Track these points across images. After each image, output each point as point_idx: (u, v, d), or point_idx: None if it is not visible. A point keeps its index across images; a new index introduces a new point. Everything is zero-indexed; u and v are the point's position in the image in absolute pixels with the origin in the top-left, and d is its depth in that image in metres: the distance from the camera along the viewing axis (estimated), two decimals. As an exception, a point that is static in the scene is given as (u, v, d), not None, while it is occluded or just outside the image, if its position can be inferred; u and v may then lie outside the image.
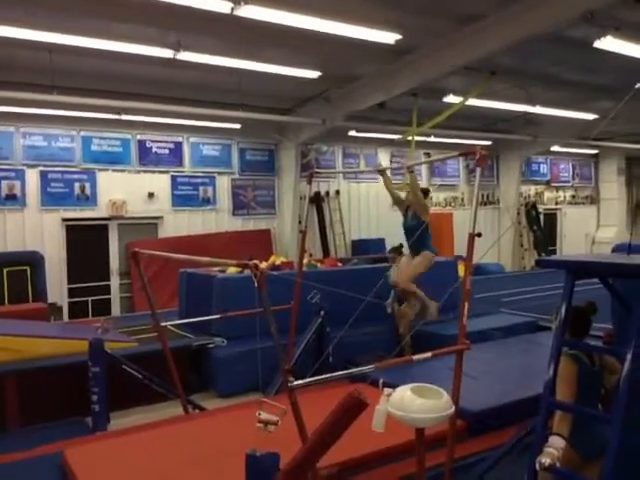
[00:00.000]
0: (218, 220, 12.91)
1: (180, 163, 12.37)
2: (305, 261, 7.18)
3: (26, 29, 7.22)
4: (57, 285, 10.85)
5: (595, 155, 20.46)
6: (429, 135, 13.55)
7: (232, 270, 7.64)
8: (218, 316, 6.12)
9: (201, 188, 12.67)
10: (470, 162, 15.70)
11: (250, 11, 6.63)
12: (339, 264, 9.44)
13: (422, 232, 6.63)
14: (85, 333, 6.29)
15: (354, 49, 8.51)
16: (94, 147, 11.33)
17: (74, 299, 11.22)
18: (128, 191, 11.62)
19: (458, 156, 4.30)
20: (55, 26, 7.26)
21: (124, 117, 10.68)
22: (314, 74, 9.73)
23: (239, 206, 13.22)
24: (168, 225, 12.27)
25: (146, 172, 11.93)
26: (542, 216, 18.85)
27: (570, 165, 20.22)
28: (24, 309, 8.34)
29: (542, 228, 18.60)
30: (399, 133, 13.09)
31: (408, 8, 7.47)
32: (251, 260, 3.28)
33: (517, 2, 7.40)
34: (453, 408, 2.74)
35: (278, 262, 8.55)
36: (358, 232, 14.99)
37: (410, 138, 12.50)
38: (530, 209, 18.43)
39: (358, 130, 13.41)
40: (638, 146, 17.98)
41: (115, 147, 11.57)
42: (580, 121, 13.70)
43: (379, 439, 3.20)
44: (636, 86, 2.51)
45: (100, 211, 11.39)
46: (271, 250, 12.71)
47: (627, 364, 2.61)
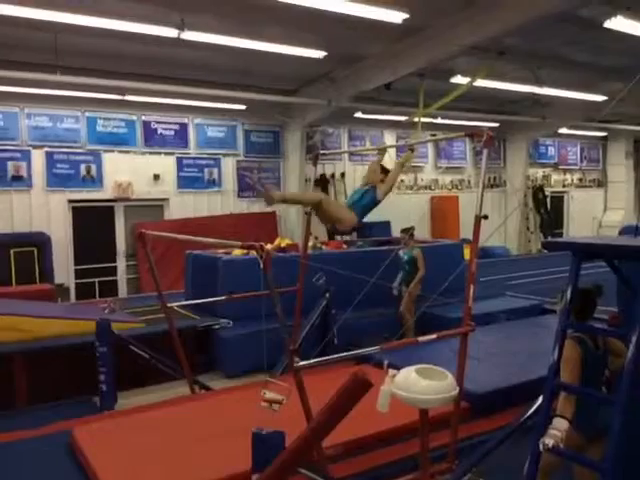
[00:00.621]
0: (223, 202, 12.91)
1: (185, 145, 12.33)
2: (310, 243, 7.18)
3: (30, 7, 7.15)
4: (64, 266, 10.91)
5: (603, 138, 20.26)
6: (436, 117, 13.43)
7: (237, 252, 7.66)
8: (224, 297, 6.15)
9: (206, 170, 12.65)
10: (477, 144, 15.57)
11: (255, -10, 6.56)
12: (344, 246, 9.45)
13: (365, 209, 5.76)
14: (92, 314, 6.35)
15: (360, 28, 8.40)
16: (99, 128, 11.30)
17: (81, 280, 11.28)
18: (134, 173, 11.61)
19: (464, 137, 4.28)
20: (59, 4, 7.18)
21: (128, 98, 10.63)
22: (319, 54, 9.63)
23: (244, 188, 13.20)
24: (174, 207, 12.27)
25: (151, 154, 11.90)
26: (549, 199, 18.72)
27: (578, 148, 20.04)
28: (31, 290, 8.42)
29: (549, 211, 18.49)
30: (406, 114, 12.98)
31: (416, -14, 7.37)
32: (257, 242, 3.29)
33: (527, -20, 7.28)
34: (457, 389, 2.76)
35: (283, 244, 8.57)
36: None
37: (417, 120, 12.40)
38: (537, 192, 18.30)
39: (364, 112, 13.30)
40: (647, 128, 17.79)
41: (120, 128, 11.53)
42: (589, 103, 13.54)
43: (383, 420, 3.23)
44: (647, 66, 2.46)
45: (106, 193, 11.40)
46: (276, 232, 12.72)
47: (632, 347, 2.61)
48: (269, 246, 7.33)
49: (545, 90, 12.31)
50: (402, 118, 13.31)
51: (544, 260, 12.79)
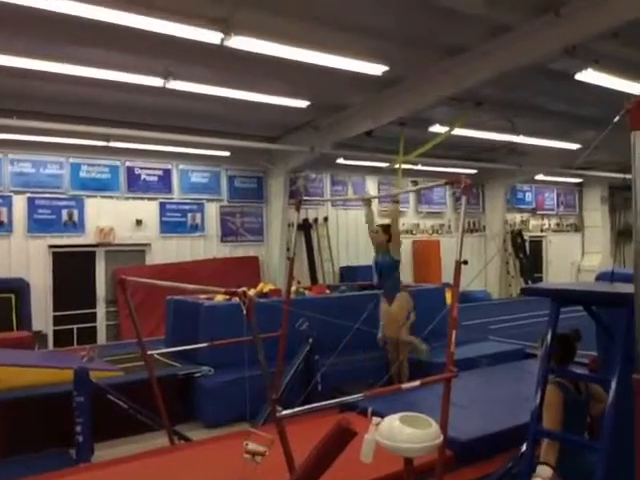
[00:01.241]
0: (206, 247, 12.90)
1: (169, 190, 12.39)
2: (293, 288, 7.17)
3: (12, 56, 7.25)
4: (42, 312, 10.71)
5: (579, 184, 20.82)
6: (416, 164, 13.73)
7: (220, 298, 7.61)
8: (205, 344, 6.07)
9: (189, 215, 12.68)
10: (456, 190, 15.89)
11: (240, 42, 6.76)
12: (327, 291, 9.44)
13: (395, 271, 6.58)
14: (70, 362, 6.20)
15: (342, 80, 8.67)
16: (83, 174, 11.33)
17: (59, 327, 11.06)
18: (116, 218, 11.60)
19: (443, 185, 4.37)
20: (44, 54, 7.31)
21: (113, 144, 10.73)
22: (303, 103, 9.88)
23: (227, 233, 13.23)
24: (156, 252, 12.22)
25: (135, 199, 11.93)
26: (528, 243, 19.05)
27: (555, 193, 20.53)
28: (8, 337, 8.21)
29: (528, 255, 18.78)
30: (387, 161, 13.24)
31: (395, 40, 7.65)
32: (239, 287, 3.29)
33: (501, 35, 7.61)
34: (442, 437, 2.74)
35: (266, 289, 8.53)
36: (346, 259, 15.02)
37: (397, 166, 12.65)
38: (516, 236, 18.62)
39: (346, 158, 13.55)
40: (621, 175, 18.31)
41: (104, 174, 11.58)
42: (564, 151, 13.98)
43: (368, 469, 3.18)
44: (615, 119, 2.60)
45: (87, 238, 11.33)
46: (259, 277, 12.68)
47: (612, 392, 2.63)
48: (252, 291, 7.30)
49: (521, 139, 12.72)
50: (383, 165, 13.58)
51: (525, 304, 12.86)
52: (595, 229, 20.92)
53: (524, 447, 3.40)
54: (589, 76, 8.20)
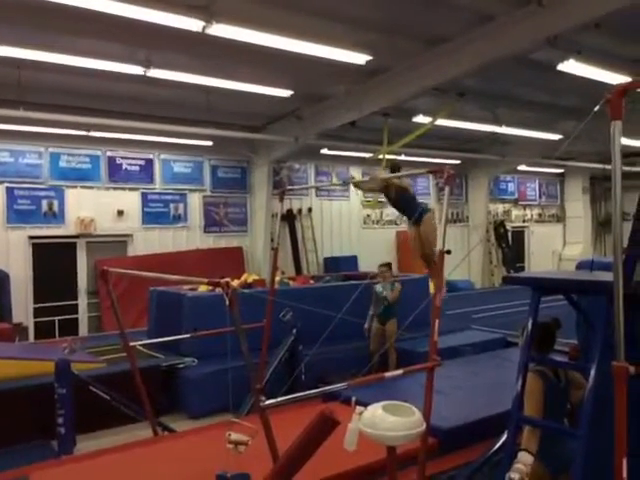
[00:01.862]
0: (189, 238, 12.80)
1: (151, 180, 12.26)
2: (277, 279, 7.17)
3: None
4: (23, 304, 10.57)
5: (561, 174, 21.02)
6: (400, 154, 13.72)
7: (203, 288, 7.58)
8: (188, 335, 6.04)
9: (172, 205, 12.56)
10: (439, 180, 15.94)
11: (221, 30, 6.67)
12: (311, 282, 9.45)
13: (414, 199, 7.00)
14: (51, 354, 6.14)
15: (325, 69, 8.61)
16: (62, 163, 11.16)
17: (40, 319, 10.92)
18: (97, 208, 11.45)
19: (426, 173, 4.38)
20: (23, 41, 7.16)
21: (93, 134, 10.57)
22: (286, 93, 9.80)
23: (211, 223, 13.14)
24: (138, 243, 12.10)
25: (116, 189, 11.78)
26: (510, 234, 19.22)
27: (537, 184, 20.71)
28: (-13, 329, 8.12)
29: (510, 245, 18.95)
30: (370, 151, 13.23)
31: (378, 29, 7.61)
32: (222, 278, 3.27)
33: (483, 25, 7.61)
34: (424, 425, 2.76)
35: (250, 280, 8.52)
36: (330, 250, 15.02)
37: (381, 156, 12.65)
38: (498, 227, 18.78)
39: (330, 148, 13.51)
40: (601, 166, 18.51)
41: (84, 164, 11.41)
42: (546, 141, 14.08)
43: (351, 458, 3.19)
44: (595, 109, 2.61)
45: (68, 229, 11.18)
46: (243, 268, 12.64)
47: (591, 379, 2.67)
48: (236, 282, 7.27)
49: (504, 129, 12.78)
50: (367, 155, 13.57)
51: (507, 293, 13.01)
52: (576, 219, 21.17)
53: (505, 434, 3.44)
54: (571, 67, 8.24)
